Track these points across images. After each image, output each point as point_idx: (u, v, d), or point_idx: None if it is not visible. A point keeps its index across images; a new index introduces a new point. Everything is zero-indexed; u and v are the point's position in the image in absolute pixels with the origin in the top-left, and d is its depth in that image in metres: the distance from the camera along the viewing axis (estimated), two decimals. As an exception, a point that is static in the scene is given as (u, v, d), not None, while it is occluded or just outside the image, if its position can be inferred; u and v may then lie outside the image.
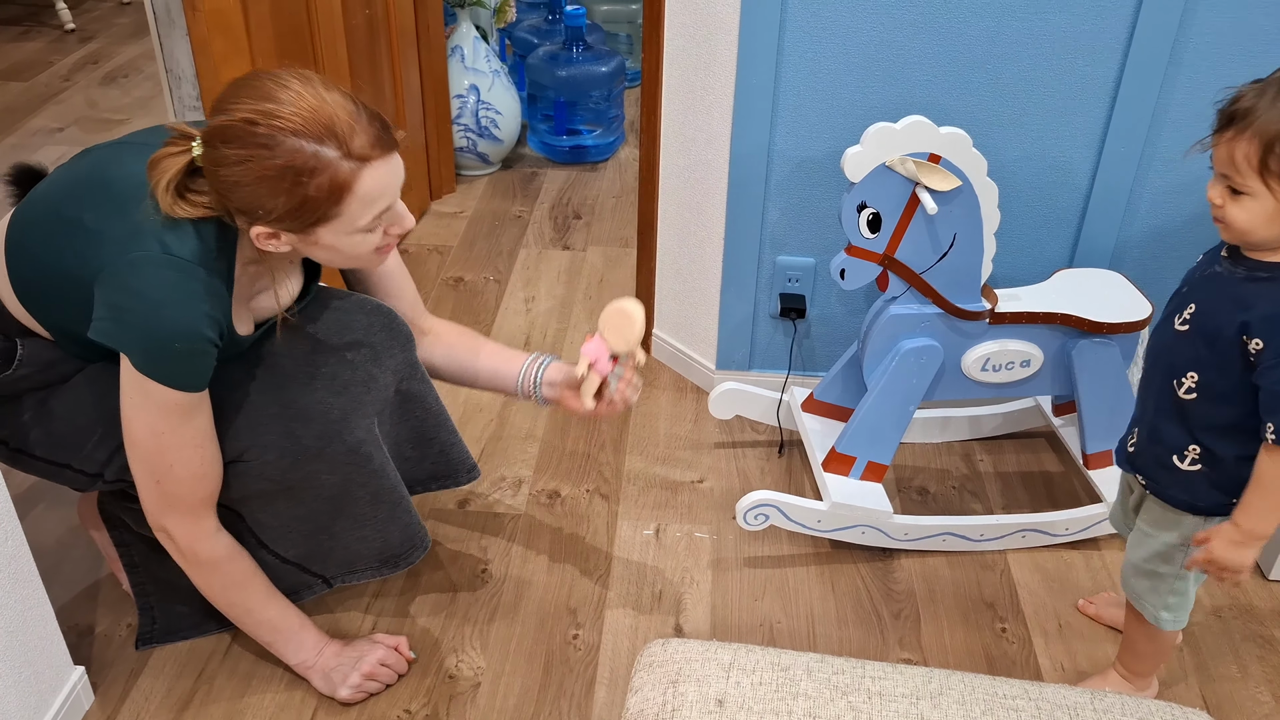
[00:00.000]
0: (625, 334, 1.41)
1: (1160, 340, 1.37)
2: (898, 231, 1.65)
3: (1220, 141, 1.19)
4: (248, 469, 1.36)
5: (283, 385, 1.38)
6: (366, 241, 1.25)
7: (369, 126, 1.19)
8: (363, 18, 2.42)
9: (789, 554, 1.83)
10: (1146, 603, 1.45)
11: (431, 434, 1.59)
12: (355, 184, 1.18)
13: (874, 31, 1.78)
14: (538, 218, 2.90)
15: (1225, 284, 1.27)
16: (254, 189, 1.16)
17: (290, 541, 1.44)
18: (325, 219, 1.20)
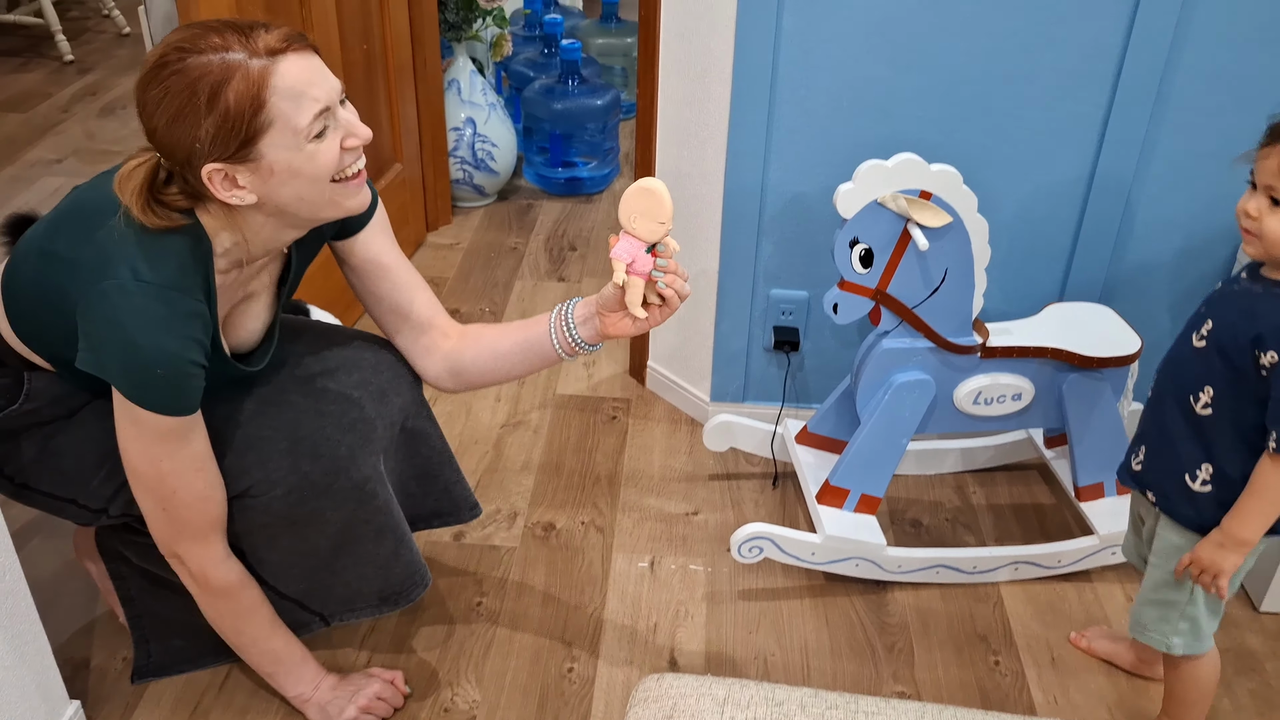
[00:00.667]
0: (656, 214, 1.23)
1: (1176, 356, 1.40)
2: (890, 267, 1.67)
3: (1270, 154, 1.22)
4: (254, 503, 1.36)
5: (292, 421, 1.39)
6: (324, 155, 1.18)
7: (276, 29, 1.16)
8: (360, 53, 2.45)
9: (783, 586, 1.83)
10: (1154, 632, 1.46)
11: (436, 471, 1.60)
12: (271, 77, 1.13)
13: (865, 70, 1.81)
14: (533, 249, 2.92)
15: (1241, 299, 1.31)
16: (180, 123, 1.13)
17: (291, 578, 1.44)
18: (259, 129, 1.14)
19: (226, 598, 1.39)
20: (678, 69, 1.97)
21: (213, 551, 1.35)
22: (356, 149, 1.23)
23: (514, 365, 1.46)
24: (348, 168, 1.23)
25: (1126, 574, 1.86)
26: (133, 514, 1.37)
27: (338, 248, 1.45)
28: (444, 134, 2.94)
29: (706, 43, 1.87)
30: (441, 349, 1.49)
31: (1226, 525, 1.32)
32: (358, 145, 1.22)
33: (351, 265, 1.47)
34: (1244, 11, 1.71)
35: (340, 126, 1.20)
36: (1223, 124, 1.80)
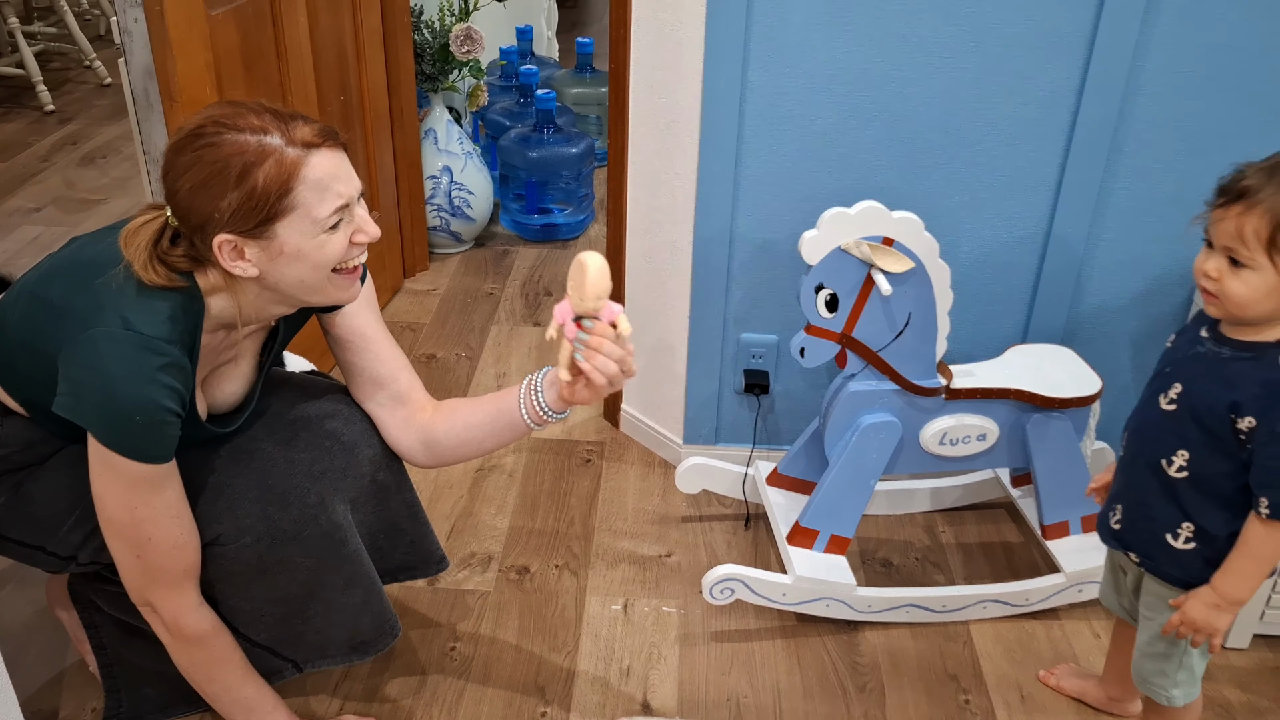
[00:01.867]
0: (581, 290, 1.26)
1: (1145, 420, 1.40)
2: (854, 311, 1.70)
3: (1227, 216, 1.23)
4: (224, 552, 1.37)
5: (262, 470, 1.41)
6: (331, 244, 1.24)
7: (314, 123, 1.23)
8: (338, 104, 2.49)
9: (755, 628, 1.85)
10: (1155, 686, 1.46)
11: (404, 525, 1.61)
12: (303, 168, 1.19)
13: (830, 120, 1.86)
14: (509, 294, 2.95)
15: (1211, 364, 1.31)
16: (205, 191, 1.18)
17: (262, 625, 1.45)
18: (280, 212, 1.20)
19: (200, 646, 1.40)
20: (647, 120, 2.01)
21: (186, 599, 1.36)
22: (363, 246, 1.30)
23: (484, 437, 1.49)
24: (350, 260, 1.29)
25: (1094, 612, 1.89)
26: (102, 561, 1.38)
27: (324, 319, 1.49)
28: (421, 182, 2.98)
29: (675, 95, 1.92)
30: (417, 422, 1.52)
31: (1220, 587, 1.32)
32: (365, 242, 1.29)
33: (335, 336, 1.51)
34: (1192, 61, 1.77)
35: (353, 222, 1.27)
36: (1175, 169, 1.85)
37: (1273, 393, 1.25)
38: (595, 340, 1.29)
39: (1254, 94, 1.79)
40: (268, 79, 2.15)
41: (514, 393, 1.45)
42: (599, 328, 1.29)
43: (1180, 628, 1.37)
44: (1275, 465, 1.26)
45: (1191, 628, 1.35)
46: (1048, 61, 1.79)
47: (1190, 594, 1.36)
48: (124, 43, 1.84)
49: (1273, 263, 1.21)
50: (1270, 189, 1.20)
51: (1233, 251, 1.23)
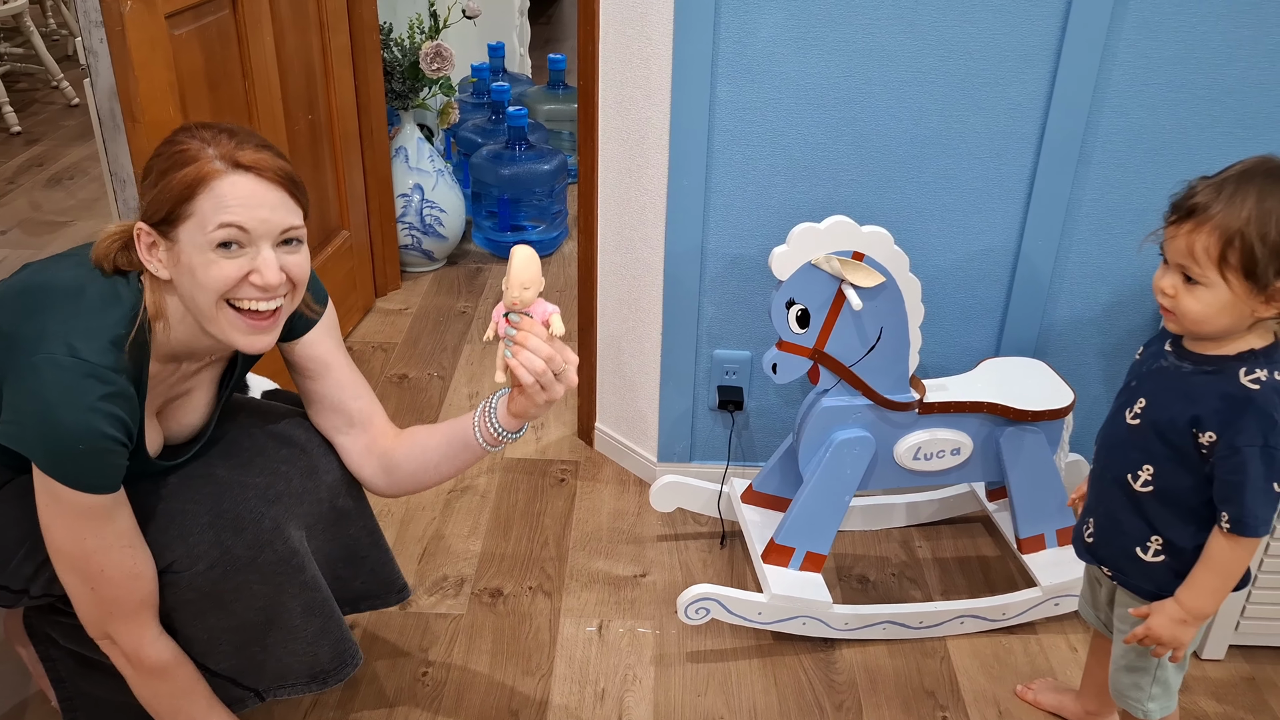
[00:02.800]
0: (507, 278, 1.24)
1: (1112, 434, 1.40)
2: (826, 327, 1.69)
3: (1179, 234, 1.24)
4: (177, 579, 1.34)
5: (215, 495, 1.38)
6: (219, 267, 1.20)
7: (263, 152, 1.22)
8: (305, 123, 2.47)
9: (732, 647, 1.83)
10: (1131, 700, 1.46)
11: (364, 552, 1.58)
12: (214, 181, 1.19)
13: (799, 135, 1.85)
14: (482, 313, 2.93)
15: (1173, 378, 1.32)
16: (145, 177, 1.24)
17: (221, 654, 1.42)
18: (181, 215, 1.20)
19: (162, 677, 1.37)
20: (617, 136, 2.00)
21: (146, 630, 1.33)
22: (262, 291, 1.24)
23: (441, 460, 1.47)
24: (245, 300, 1.24)
25: (1070, 625, 1.88)
26: (55, 594, 1.35)
27: (282, 348, 1.46)
28: (391, 200, 2.96)
29: (644, 111, 1.91)
30: (378, 449, 1.50)
31: (1185, 601, 1.32)
32: (262, 285, 1.23)
33: (295, 365, 1.48)
34: (1155, 74, 1.78)
35: (255, 258, 1.22)
36: (1142, 181, 1.86)
37: (1232, 407, 1.25)
38: (521, 335, 1.28)
39: (1217, 106, 1.80)
40: (233, 98, 2.13)
41: (469, 416, 1.43)
42: (526, 322, 1.28)
43: (1145, 640, 1.36)
44: (1235, 479, 1.26)
45: (1156, 641, 1.35)
46: (1015, 75, 1.80)
47: (1155, 607, 1.35)
48: (89, 63, 1.82)
49: (1225, 279, 1.21)
50: (1219, 205, 1.20)
51: (1186, 269, 1.24)
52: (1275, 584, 1.75)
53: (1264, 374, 1.25)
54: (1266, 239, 1.19)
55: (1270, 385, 1.25)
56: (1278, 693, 1.76)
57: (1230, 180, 1.22)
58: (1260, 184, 1.21)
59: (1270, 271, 1.20)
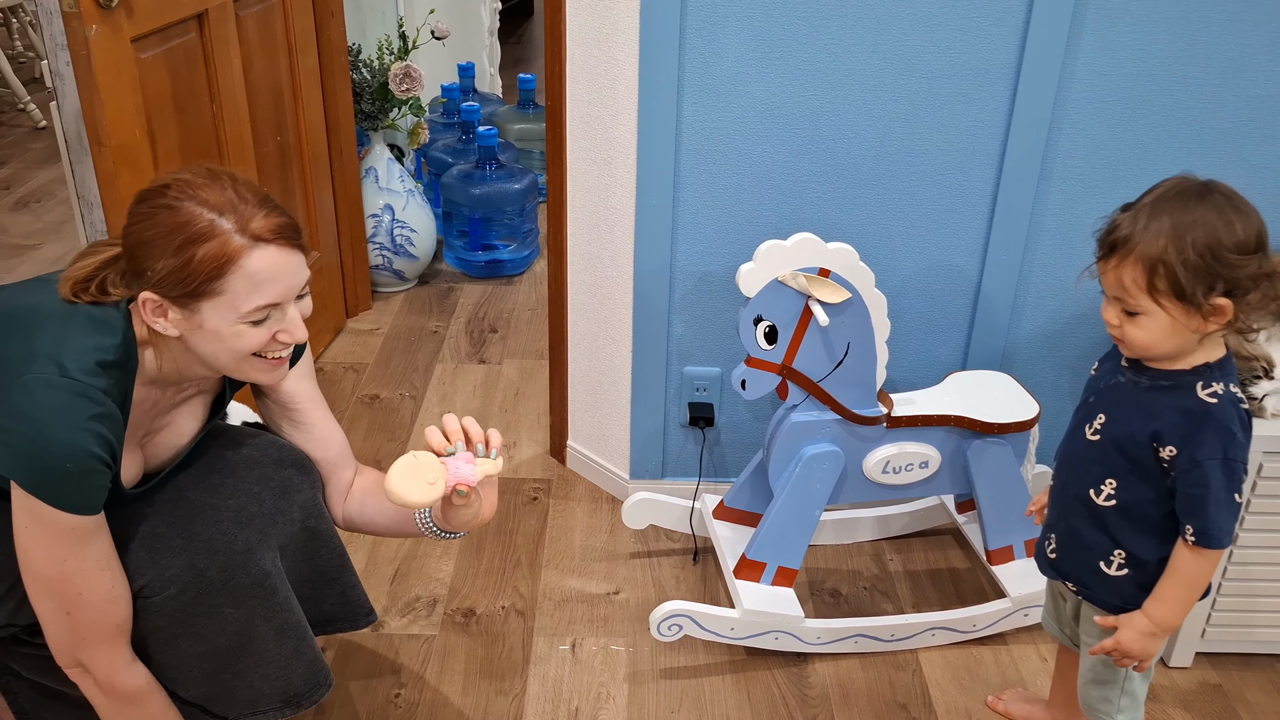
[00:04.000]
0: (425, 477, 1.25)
1: (1072, 450, 1.42)
2: (794, 343, 1.71)
3: (1107, 269, 1.26)
4: (148, 604, 1.33)
5: (187, 518, 1.37)
6: (251, 337, 1.24)
7: (274, 217, 1.22)
8: (274, 145, 2.47)
9: (705, 663, 1.84)
10: (1100, 712, 1.47)
11: (334, 575, 1.57)
12: (242, 259, 1.19)
13: (765, 153, 1.87)
14: (454, 332, 2.93)
15: (1131, 394, 1.33)
16: (148, 245, 1.19)
17: (191, 681, 1.40)
18: (208, 292, 1.20)
19: (136, 704, 1.35)
20: (585, 156, 2.02)
21: (119, 656, 1.32)
22: (287, 345, 1.29)
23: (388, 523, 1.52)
24: (269, 352, 1.28)
25: (1041, 636, 1.90)
26: (17, 623, 1.33)
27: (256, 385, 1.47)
28: (362, 221, 2.96)
29: (611, 131, 1.93)
30: (342, 491, 1.54)
31: (1153, 614, 1.34)
32: (289, 342, 1.28)
33: (266, 400, 1.50)
34: (1113, 92, 1.81)
35: (281, 320, 1.26)
36: (1102, 196, 1.89)
37: (1191, 421, 1.27)
38: None
39: (1173, 122, 1.84)
40: (200, 121, 2.13)
41: None
42: None
43: (1112, 652, 1.38)
44: (1197, 493, 1.27)
45: (1124, 654, 1.37)
46: (976, 92, 1.82)
47: (1123, 620, 1.37)
48: (55, 86, 1.81)
49: (1160, 305, 1.23)
50: (1138, 234, 1.22)
51: (1122, 302, 1.26)
52: (1239, 591, 1.78)
53: (1220, 387, 1.27)
54: (1187, 261, 1.20)
55: (1227, 398, 1.27)
56: (1245, 700, 1.79)
57: (1144, 209, 1.24)
58: (1170, 207, 1.23)
59: (1199, 291, 1.21)
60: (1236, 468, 1.27)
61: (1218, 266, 1.21)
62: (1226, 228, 1.21)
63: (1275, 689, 1.81)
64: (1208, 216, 1.21)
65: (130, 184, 1.88)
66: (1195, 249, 1.20)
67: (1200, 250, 1.20)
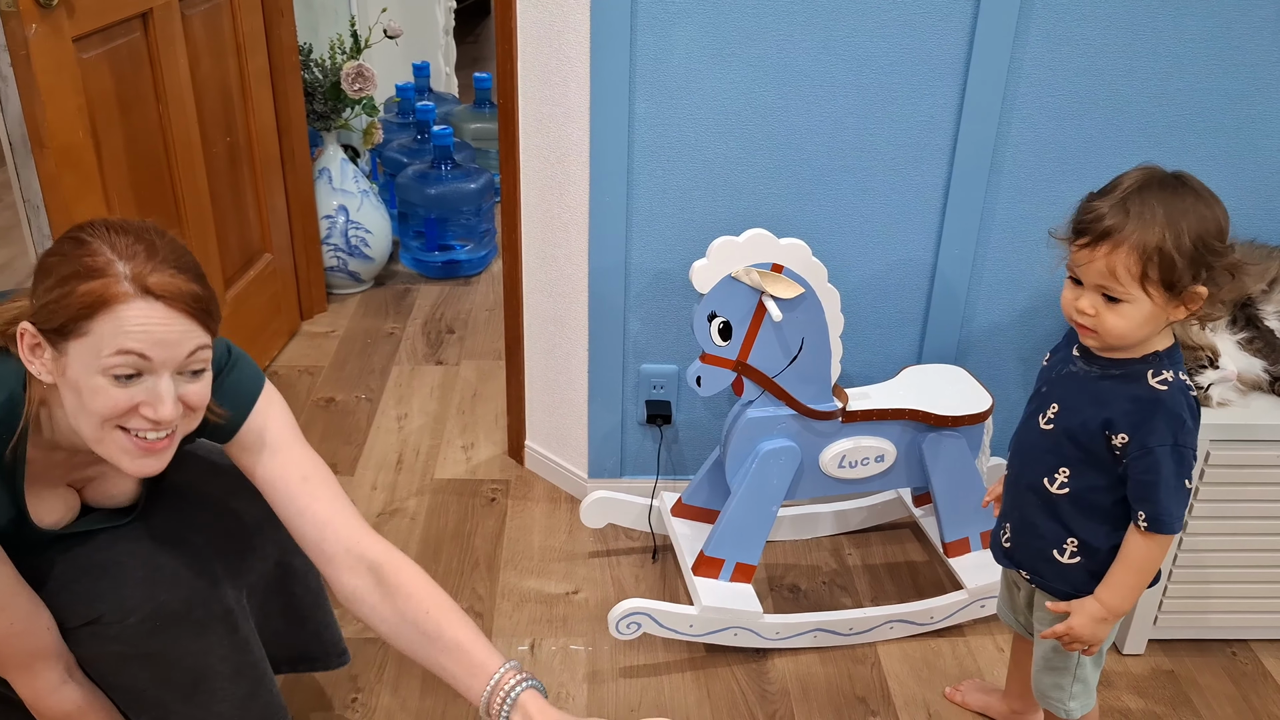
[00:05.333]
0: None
1: (1025, 440, 1.43)
2: (748, 338, 1.71)
3: (1095, 257, 1.24)
4: (105, 631, 1.30)
5: (152, 548, 1.33)
6: (108, 397, 1.11)
7: (178, 277, 1.12)
8: (223, 146, 2.44)
9: (665, 661, 1.83)
10: (1053, 699, 1.49)
11: (307, 613, 1.54)
12: (119, 305, 1.08)
13: (717, 150, 1.87)
14: (410, 334, 2.91)
15: (1083, 383, 1.34)
16: (42, 276, 1.12)
17: (141, 708, 1.36)
18: (76, 331, 1.09)
19: None
20: (538, 154, 2.01)
21: (42, 681, 1.28)
22: (155, 423, 1.14)
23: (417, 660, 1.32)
24: (138, 430, 1.15)
25: (997, 626, 1.91)
26: None
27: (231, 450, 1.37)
28: (315, 222, 2.93)
29: (564, 129, 1.92)
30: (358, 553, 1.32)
31: (1104, 599, 1.35)
32: (154, 419, 1.13)
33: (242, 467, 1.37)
34: (1060, 86, 1.83)
35: (151, 390, 1.12)
36: (1051, 189, 1.91)
37: (1142, 409, 1.29)
38: None
39: (1119, 115, 1.86)
40: (146, 123, 2.10)
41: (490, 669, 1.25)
42: None
43: (1064, 638, 1.39)
44: (1149, 479, 1.29)
45: (1075, 639, 1.38)
46: (926, 88, 1.84)
47: (1075, 606, 1.38)
48: (-2, 88, 1.78)
49: (1146, 293, 1.23)
50: (1131, 225, 1.22)
51: (1107, 289, 1.25)
52: (1190, 578, 1.80)
53: (1170, 375, 1.29)
54: (1182, 248, 1.21)
55: (1177, 386, 1.29)
56: (1197, 686, 1.81)
57: (1132, 197, 1.23)
58: (1160, 197, 1.23)
59: (1187, 277, 1.22)
60: (1186, 454, 1.29)
61: (1207, 255, 1.22)
62: (1212, 216, 1.23)
63: (1227, 674, 1.84)
64: (1196, 205, 1.22)
65: (74, 187, 1.85)
66: (1189, 237, 1.21)
67: (1193, 238, 1.21)
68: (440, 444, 2.42)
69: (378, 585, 1.31)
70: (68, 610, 1.29)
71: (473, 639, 1.28)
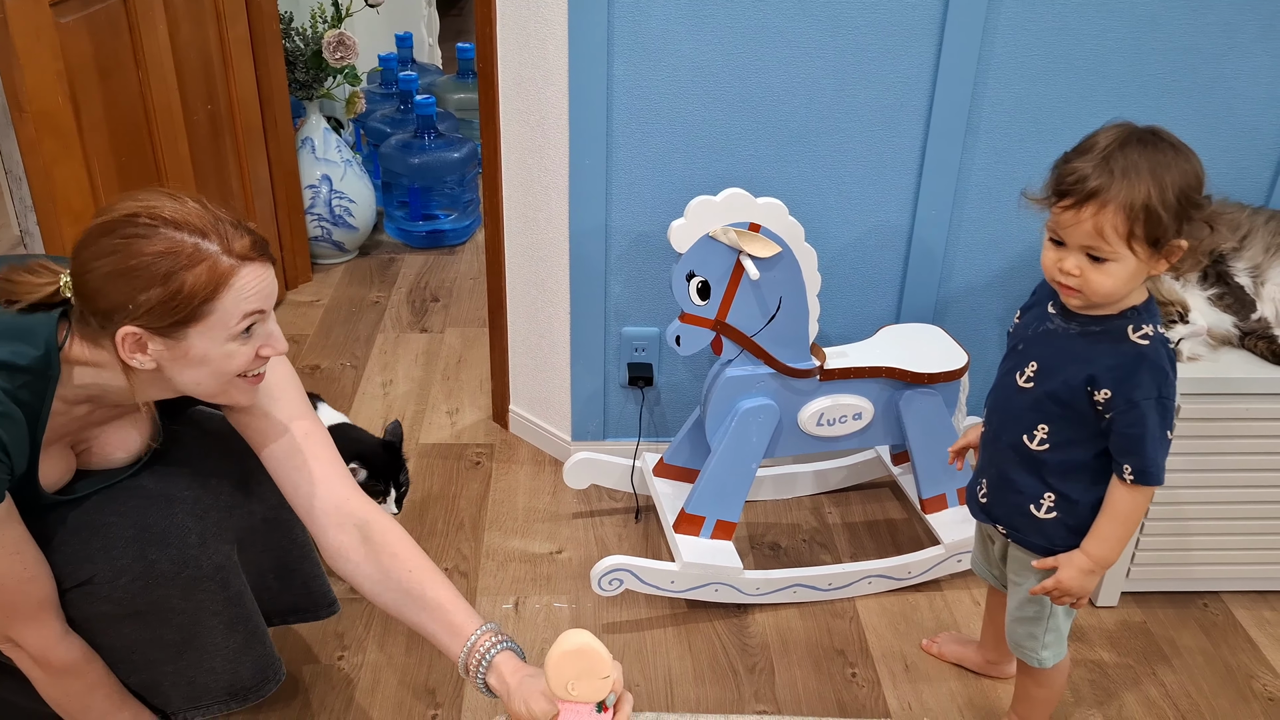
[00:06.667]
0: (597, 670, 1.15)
1: (1003, 398, 1.45)
2: (726, 297, 1.73)
3: (1081, 218, 1.23)
4: (96, 591, 1.32)
5: (141, 507, 1.35)
6: (239, 355, 1.22)
7: (249, 233, 1.20)
8: (205, 114, 2.44)
9: (647, 617, 1.86)
10: (1027, 649, 1.52)
11: (295, 565, 1.56)
12: (234, 278, 1.17)
13: (696, 111, 1.88)
14: (395, 302, 2.92)
15: (1062, 340, 1.36)
16: (127, 279, 1.14)
17: (132, 667, 1.39)
18: (198, 316, 1.17)
19: (72, 675, 1.34)
20: (518, 118, 2.02)
21: (49, 629, 1.30)
22: (268, 359, 1.27)
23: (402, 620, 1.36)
24: (253, 369, 1.26)
25: (974, 580, 1.95)
26: None
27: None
28: (299, 192, 2.93)
29: (543, 93, 1.93)
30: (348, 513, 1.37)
31: (1092, 552, 1.37)
32: (276, 354, 1.26)
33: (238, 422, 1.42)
34: (1034, 47, 1.85)
35: (265, 334, 1.24)
36: (1026, 149, 1.93)
37: (1125, 363, 1.30)
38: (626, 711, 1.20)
39: (1093, 75, 1.87)
40: (126, 89, 2.10)
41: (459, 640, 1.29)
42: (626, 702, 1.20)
43: (1053, 592, 1.41)
44: (1135, 432, 1.31)
45: (1064, 592, 1.40)
46: (902, 49, 1.85)
47: (1063, 560, 1.40)
48: (-29, 54, 1.78)
49: (1133, 251, 1.23)
50: (1116, 184, 1.21)
51: (1093, 249, 1.24)
52: (1163, 531, 1.83)
53: (1150, 329, 1.30)
54: (1167, 204, 1.21)
55: (1157, 339, 1.30)
56: (1169, 637, 1.85)
57: (1114, 155, 1.23)
58: (1141, 153, 1.23)
59: (1171, 231, 1.23)
60: (1169, 406, 1.31)
61: (1189, 208, 1.23)
62: (1191, 169, 1.23)
63: (1199, 625, 1.88)
64: (1176, 159, 1.23)
65: (54, 151, 1.86)
66: (1173, 191, 1.21)
67: (1177, 193, 1.21)
68: (425, 409, 2.44)
69: (363, 542, 1.35)
70: (60, 572, 1.31)
71: (452, 600, 1.32)
